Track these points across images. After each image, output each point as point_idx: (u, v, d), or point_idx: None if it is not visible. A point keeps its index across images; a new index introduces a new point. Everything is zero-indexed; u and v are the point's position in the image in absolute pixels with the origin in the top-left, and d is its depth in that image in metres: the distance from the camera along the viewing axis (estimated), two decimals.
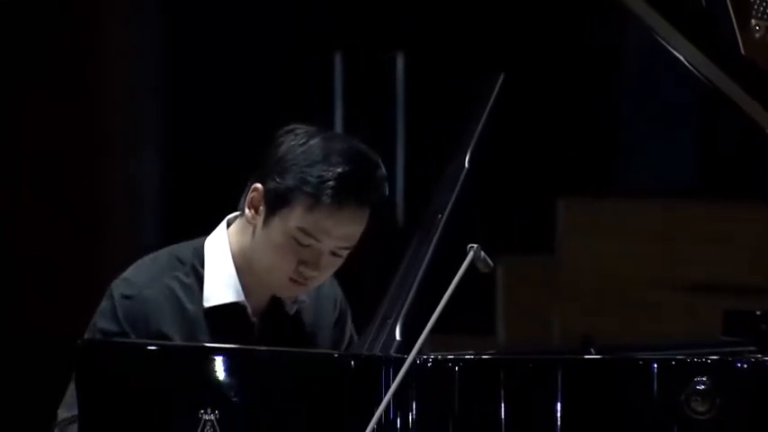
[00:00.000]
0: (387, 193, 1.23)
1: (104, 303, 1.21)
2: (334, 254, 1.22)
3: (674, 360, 1.09)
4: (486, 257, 1.07)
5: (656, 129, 3.80)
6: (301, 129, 1.24)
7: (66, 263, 3.29)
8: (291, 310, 1.30)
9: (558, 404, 1.02)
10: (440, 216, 1.22)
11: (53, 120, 3.40)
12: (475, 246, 1.06)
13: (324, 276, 1.26)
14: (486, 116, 1.25)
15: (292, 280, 1.22)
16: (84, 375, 1.03)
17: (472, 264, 1.06)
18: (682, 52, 1.21)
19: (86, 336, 1.18)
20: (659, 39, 1.21)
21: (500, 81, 1.26)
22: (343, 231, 1.21)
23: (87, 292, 1.28)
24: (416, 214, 1.38)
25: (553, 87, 3.53)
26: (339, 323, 1.38)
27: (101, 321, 1.19)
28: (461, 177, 1.23)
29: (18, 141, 3.35)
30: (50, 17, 3.42)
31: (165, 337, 1.18)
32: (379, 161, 1.24)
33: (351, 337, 1.40)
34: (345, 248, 1.23)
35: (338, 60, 3.67)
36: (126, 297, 1.20)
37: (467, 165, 1.25)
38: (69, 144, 3.42)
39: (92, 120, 3.45)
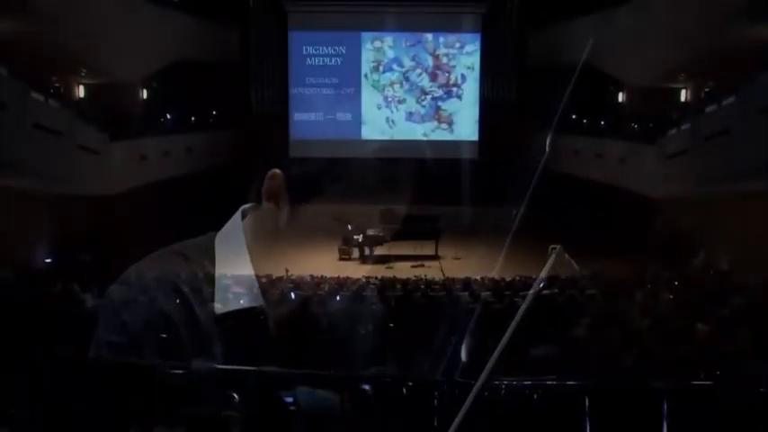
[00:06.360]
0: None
1: (105, 313, 1.05)
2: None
3: None
4: (571, 260, 0.88)
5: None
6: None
7: None
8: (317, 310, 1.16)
9: None
10: (515, 212, 1.02)
11: None
12: (558, 247, 0.88)
13: None
14: (569, 94, 1.04)
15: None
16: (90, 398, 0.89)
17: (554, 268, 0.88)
18: None
19: (92, 350, 1.04)
20: None
21: (588, 48, 1.05)
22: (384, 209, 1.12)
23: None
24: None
25: None
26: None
27: (106, 334, 1.03)
28: (541, 165, 1.02)
29: None
30: None
31: (176, 346, 1.02)
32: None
33: None
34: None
35: None
36: (126, 302, 1.04)
37: (548, 149, 1.03)
38: None
39: None
